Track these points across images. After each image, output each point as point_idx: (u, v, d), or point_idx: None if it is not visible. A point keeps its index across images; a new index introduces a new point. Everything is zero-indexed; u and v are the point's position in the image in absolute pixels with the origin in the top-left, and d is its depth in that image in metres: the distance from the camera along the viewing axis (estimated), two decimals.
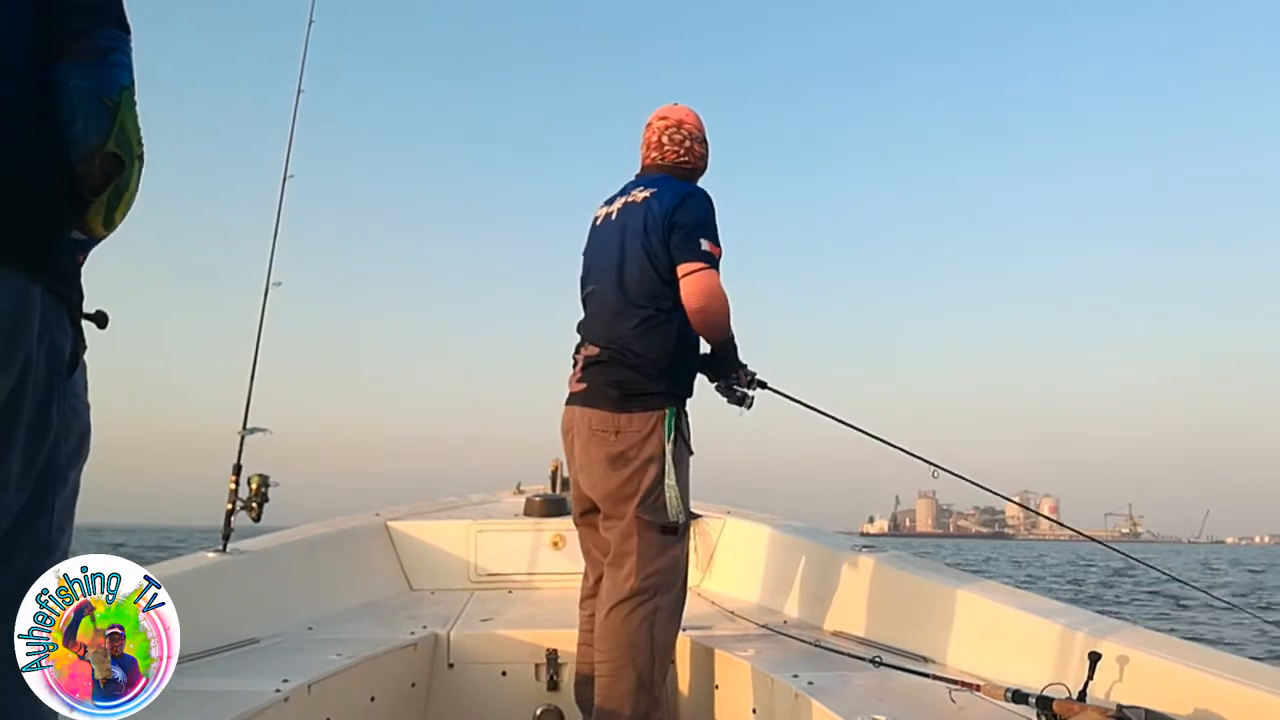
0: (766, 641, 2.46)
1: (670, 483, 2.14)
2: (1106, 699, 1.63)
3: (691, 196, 2.27)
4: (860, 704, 1.76)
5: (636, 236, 2.24)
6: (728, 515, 3.58)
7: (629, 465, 2.16)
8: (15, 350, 0.86)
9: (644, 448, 2.15)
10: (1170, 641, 1.87)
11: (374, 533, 3.43)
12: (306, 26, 3.09)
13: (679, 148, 2.39)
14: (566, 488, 4.24)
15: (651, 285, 2.22)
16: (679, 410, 2.22)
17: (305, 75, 3.01)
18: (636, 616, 2.14)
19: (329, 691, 1.95)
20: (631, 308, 2.22)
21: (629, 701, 2.10)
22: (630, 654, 2.12)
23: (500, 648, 2.53)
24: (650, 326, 2.20)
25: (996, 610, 2.14)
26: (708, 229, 2.23)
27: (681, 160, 2.39)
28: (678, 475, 2.16)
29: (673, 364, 2.22)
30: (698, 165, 2.43)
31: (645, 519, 2.15)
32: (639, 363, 2.19)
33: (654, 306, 2.21)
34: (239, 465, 2.70)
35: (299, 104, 2.99)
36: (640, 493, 2.15)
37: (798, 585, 2.95)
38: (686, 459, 2.25)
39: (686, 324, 2.23)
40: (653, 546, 2.16)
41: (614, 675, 2.13)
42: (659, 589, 2.16)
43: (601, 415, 2.20)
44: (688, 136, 2.40)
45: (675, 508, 2.13)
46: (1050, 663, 1.88)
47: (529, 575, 3.44)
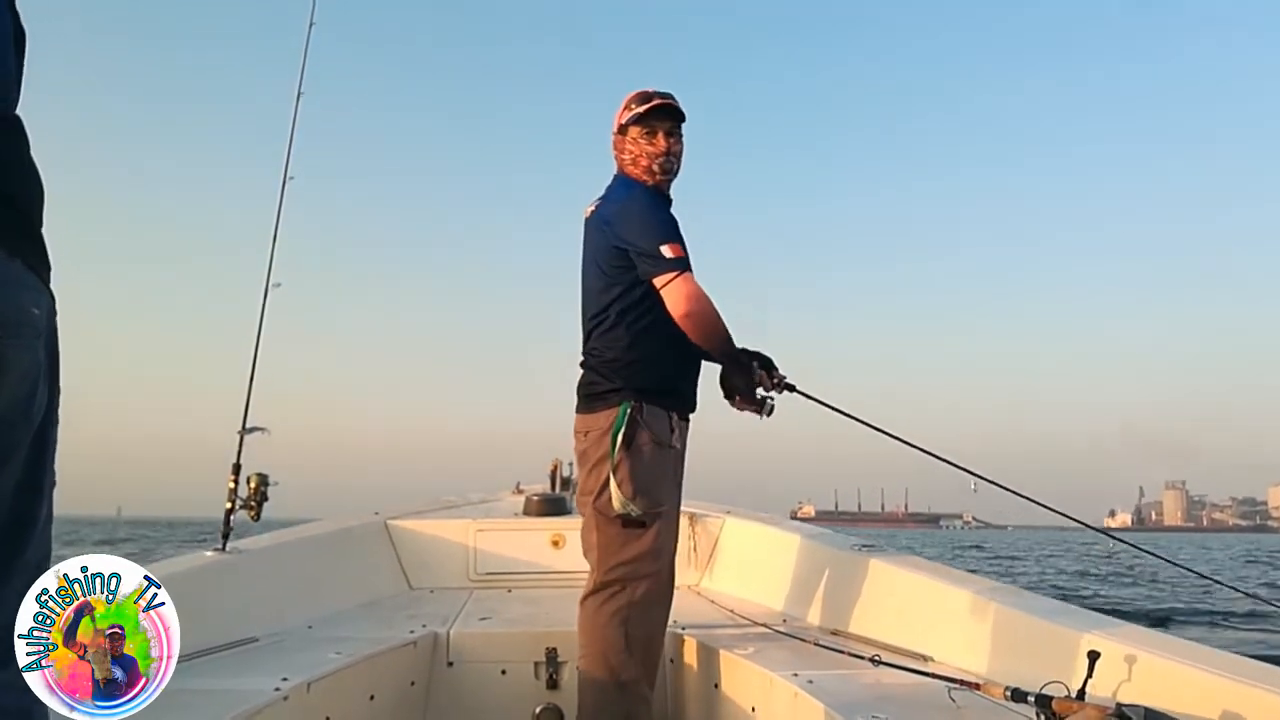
0: (766, 640, 2.46)
1: (613, 477, 2.15)
2: (1106, 697, 1.63)
3: (627, 202, 2.26)
4: (860, 703, 1.76)
5: (591, 247, 2.34)
6: (727, 515, 3.59)
7: (589, 462, 2.24)
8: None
9: (601, 444, 2.20)
10: (1169, 640, 1.87)
11: (374, 532, 3.43)
12: (307, 29, 3.09)
13: (613, 149, 2.37)
14: (566, 487, 4.25)
15: (605, 291, 2.27)
16: (637, 405, 2.19)
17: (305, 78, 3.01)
18: (606, 610, 2.18)
19: (328, 690, 1.95)
20: (595, 312, 2.30)
21: (606, 694, 2.14)
22: (602, 647, 2.17)
23: (500, 646, 2.54)
24: (607, 328, 2.26)
25: (996, 609, 2.14)
26: (658, 230, 2.19)
27: (619, 160, 2.36)
28: (633, 469, 2.16)
29: (631, 361, 2.23)
30: (622, 161, 2.34)
31: (603, 513, 2.20)
32: (598, 363, 2.27)
33: (611, 310, 2.26)
34: (238, 464, 2.70)
35: (299, 106, 2.99)
36: (597, 488, 2.20)
37: (797, 584, 2.95)
38: (650, 453, 2.21)
39: (648, 322, 2.23)
40: (614, 540, 2.20)
41: (590, 668, 2.19)
42: (627, 581, 2.19)
43: (578, 418, 2.31)
44: (613, 134, 2.36)
45: (620, 501, 2.15)
46: (1049, 661, 1.87)
47: (528, 574, 3.44)
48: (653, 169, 2.29)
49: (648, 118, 2.28)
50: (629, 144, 2.31)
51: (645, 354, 2.25)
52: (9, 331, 0.84)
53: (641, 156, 2.29)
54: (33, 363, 0.87)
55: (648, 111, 2.27)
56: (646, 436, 2.20)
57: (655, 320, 2.22)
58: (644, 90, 2.31)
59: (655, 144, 2.28)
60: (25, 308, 0.87)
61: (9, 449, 0.86)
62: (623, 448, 2.16)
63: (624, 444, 2.16)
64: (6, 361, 0.83)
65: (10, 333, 0.84)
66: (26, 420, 0.88)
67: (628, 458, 2.16)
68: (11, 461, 0.86)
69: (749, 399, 2.34)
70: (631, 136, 2.30)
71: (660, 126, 2.29)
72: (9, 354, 0.84)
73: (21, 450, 0.87)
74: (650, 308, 2.22)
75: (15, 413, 0.86)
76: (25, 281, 0.88)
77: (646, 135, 2.28)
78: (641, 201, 2.25)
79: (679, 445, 2.33)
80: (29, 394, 0.87)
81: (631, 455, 2.17)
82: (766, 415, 2.46)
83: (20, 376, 0.85)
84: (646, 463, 2.20)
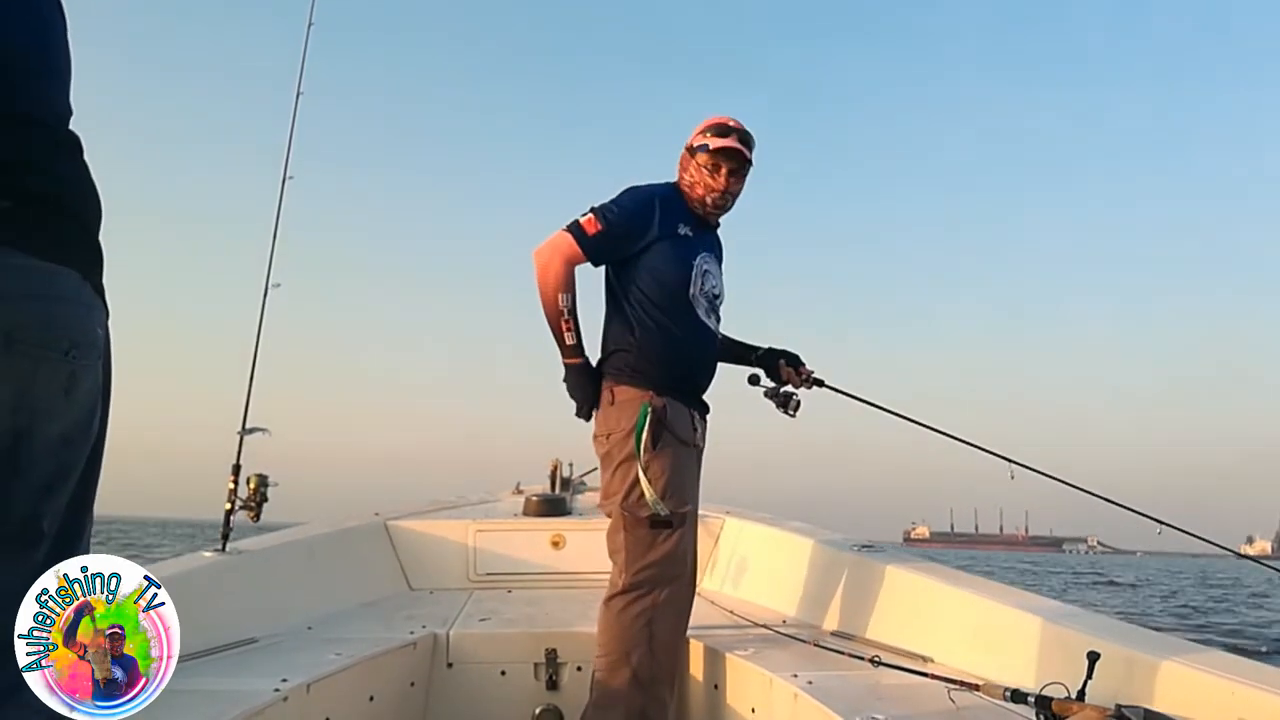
0: (766, 641, 2.46)
1: (643, 476, 2.15)
2: (1105, 699, 1.63)
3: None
4: (859, 704, 1.76)
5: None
6: (727, 515, 3.59)
7: (613, 463, 2.24)
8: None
9: (625, 445, 2.21)
10: (1169, 641, 1.87)
11: (373, 532, 3.43)
12: (306, 29, 3.09)
13: (679, 162, 2.39)
14: (566, 487, 4.25)
15: (612, 290, 2.35)
16: (659, 403, 2.20)
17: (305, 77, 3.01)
18: (632, 611, 2.16)
19: (328, 691, 1.95)
20: (607, 311, 2.37)
21: (624, 696, 2.12)
22: (626, 647, 2.14)
23: (499, 647, 2.53)
24: (619, 327, 2.30)
25: (995, 610, 2.14)
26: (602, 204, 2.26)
27: (680, 175, 2.38)
28: (660, 468, 2.16)
29: (646, 359, 2.25)
30: (682, 179, 2.37)
31: (632, 514, 2.18)
32: (613, 363, 2.29)
33: (621, 307, 2.30)
34: (238, 465, 2.70)
35: (298, 106, 3.00)
36: (624, 489, 2.20)
37: (797, 585, 2.95)
38: (675, 451, 2.22)
39: (659, 319, 2.25)
40: (642, 541, 2.18)
41: (609, 670, 2.15)
42: (654, 583, 2.17)
43: (598, 419, 2.32)
44: (684, 148, 2.38)
45: (652, 499, 2.14)
46: (1049, 662, 1.88)
47: (528, 575, 3.44)
48: (706, 201, 2.32)
49: (717, 153, 2.29)
50: (693, 168, 2.33)
51: (660, 352, 2.25)
52: (81, 353, 0.86)
53: (699, 185, 2.32)
54: (95, 383, 0.90)
55: (719, 149, 2.28)
56: (670, 435, 2.20)
57: (667, 318, 2.24)
58: (724, 121, 2.31)
59: (716, 180, 2.30)
60: (93, 328, 0.89)
61: (70, 467, 0.88)
62: (649, 447, 2.15)
63: (650, 443, 2.15)
64: (76, 382, 0.86)
65: (82, 354, 0.86)
66: (86, 438, 0.90)
67: (654, 457, 2.16)
68: (70, 478, 0.88)
69: (777, 398, 2.39)
70: (698, 162, 2.32)
71: (725, 164, 2.30)
72: (79, 374, 0.86)
73: (80, 468, 0.89)
74: (661, 305, 2.25)
75: (78, 431, 0.88)
76: (93, 303, 0.90)
77: (711, 168, 2.30)
78: (629, 190, 2.30)
79: (700, 443, 2.34)
80: (90, 412, 0.89)
81: (658, 454, 2.17)
82: (793, 412, 2.46)
83: (85, 395, 0.88)
84: (672, 461, 2.20)
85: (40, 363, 0.82)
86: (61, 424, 0.85)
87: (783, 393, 2.47)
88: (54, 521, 0.86)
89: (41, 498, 0.84)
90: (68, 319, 0.85)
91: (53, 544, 0.86)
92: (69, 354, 0.84)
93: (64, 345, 0.84)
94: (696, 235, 2.34)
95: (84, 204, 0.92)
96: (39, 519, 0.84)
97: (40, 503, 0.84)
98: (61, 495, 0.87)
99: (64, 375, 0.84)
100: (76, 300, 0.87)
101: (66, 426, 0.86)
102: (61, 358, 0.84)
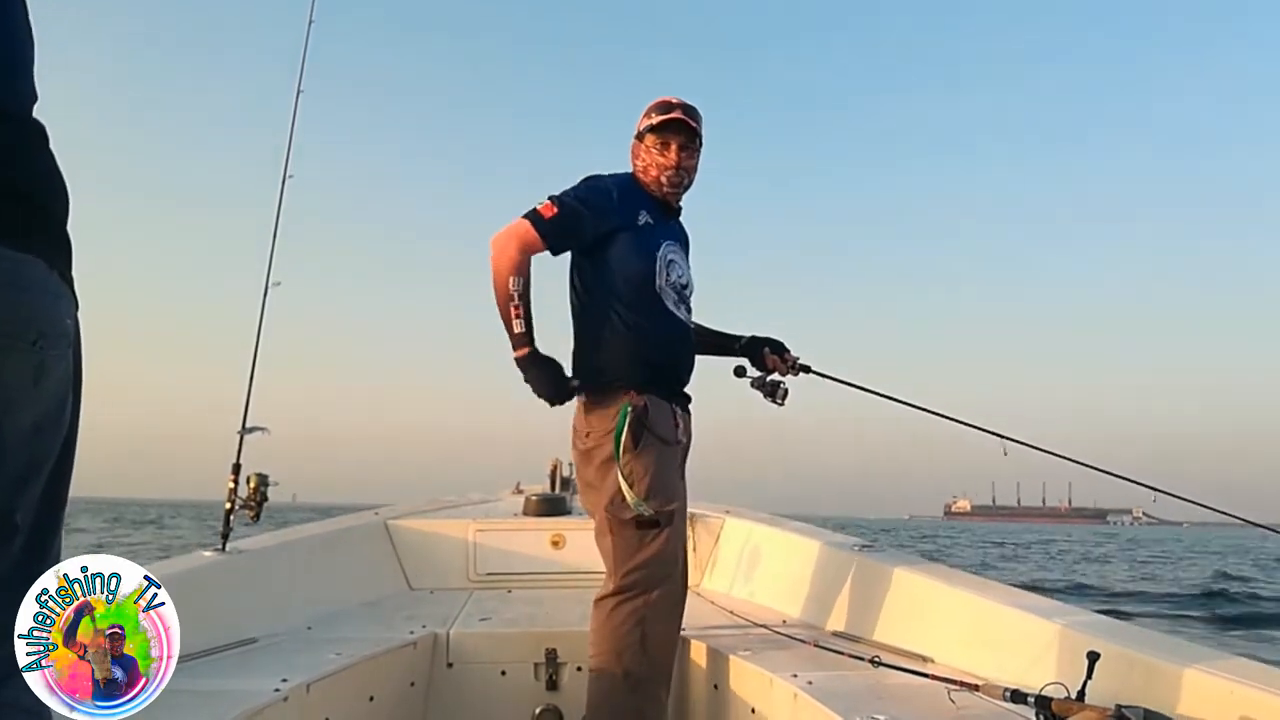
0: (765, 641, 2.46)
1: (623, 478, 2.11)
2: (1105, 699, 1.63)
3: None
4: (859, 704, 1.76)
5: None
6: (726, 515, 3.59)
7: (593, 463, 2.20)
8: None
9: (605, 445, 2.16)
10: (1168, 641, 1.87)
11: (373, 532, 3.43)
12: (306, 27, 3.09)
13: (630, 153, 2.36)
14: (566, 487, 4.26)
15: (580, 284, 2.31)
16: (638, 401, 2.16)
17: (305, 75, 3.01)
18: (622, 611, 2.13)
19: (328, 691, 1.95)
20: (575, 310, 2.34)
21: (618, 698, 2.11)
22: (618, 647, 2.12)
23: (499, 647, 2.53)
24: (590, 321, 2.27)
25: (995, 610, 2.14)
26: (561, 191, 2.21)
27: (634, 165, 2.35)
28: (642, 468, 2.13)
29: (623, 355, 2.22)
30: (635, 167, 2.33)
31: (616, 516, 2.15)
32: (589, 360, 2.26)
33: (592, 300, 2.27)
34: (238, 464, 2.70)
35: (299, 104, 2.99)
36: (607, 491, 2.16)
37: (797, 585, 2.95)
38: (657, 450, 2.18)
39: (633, 315, 2.22)
40: (629, 543, 2.15)
41: (601, 670, 2.14)
42: (645, 585, 2.15)
43: (578, 418, 2.29)
44: (633, 138, 2.35)
45: (634, 500, 2.10)
46: (1049, 662, 1.88)
47: (528, 575, 3.44)
48: (661, 181, 2.27)
49: (663, 129, 2.25)
50: (643, 152, 2.29)
51: (634, 348, 2.21)
52: (49, 342, 0.86)
53: (652, 167, 2.27)
54: (65, 373, 0.89)
55: (663, 123, 2.24)
56: (650, 434, 2.16)
57: (635, 313, 2.21)
58: (666, 99, 2.28)
59: (667, 156, 2.25)
60: (61, 318, 0.88)
61: (42, 458, 0.87)
62: (629, 447, 2.11)
63: (630, 443, 2.11)
64: (45, 372, 0.85)
65: (50, 344, 0.86)
66: (58, 429, 0.89)
67: (636, 457, 2.12)
68: (43, 470, 0.88)
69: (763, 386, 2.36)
70: (646, 145, 2.28)
71: (674, 139, 2.25)
72: (48, 364, 0.86)
73: (52, 459, 0.89)
74: (627, 300, 2.22)
75: (49, 421, 0.88)
76: (61, 292, 0.89)
77: (660, 146, 2.26)
78: (586, 179, 2.26)
79: (684, 440, 2.31)
80: (61, 402, 0.89)
81: (640, 454, 2.13)
82: (781, 401, 2.43)
83: (55, 385, 0.87)
84: (655, 460, 2.16)
85: (7, 352, 0.82)
86: (32, 414, 0.85)
87: (769, 381, 2.43)
88: (28, 514, 0.86)
89: (15, 490, 0.84)
90: (34, 308, 0.85)
91: (27, 537, 0.86)
92: (36, 344, 0.84)
93: (31, 335, 0.83)
94: (659, 224, 2.29)
95: (51, 194, 0.91)
96: (12, 512, 0.84)
97: (13, 495, 0.84)
98: (35, 487, 0.87)
99: (32, 365, 0.84)
100: (44, 290, 0.86)
101: (37, 416, 0.85)
102: (29, 347, 0.83)
